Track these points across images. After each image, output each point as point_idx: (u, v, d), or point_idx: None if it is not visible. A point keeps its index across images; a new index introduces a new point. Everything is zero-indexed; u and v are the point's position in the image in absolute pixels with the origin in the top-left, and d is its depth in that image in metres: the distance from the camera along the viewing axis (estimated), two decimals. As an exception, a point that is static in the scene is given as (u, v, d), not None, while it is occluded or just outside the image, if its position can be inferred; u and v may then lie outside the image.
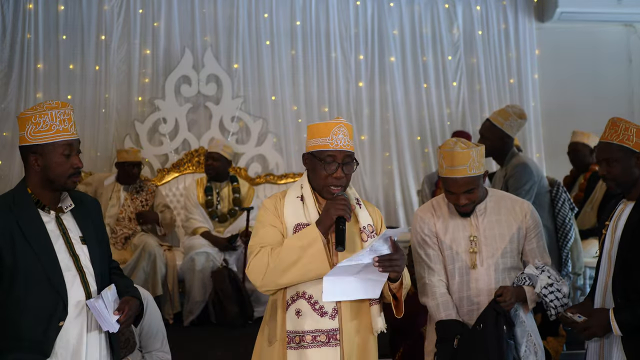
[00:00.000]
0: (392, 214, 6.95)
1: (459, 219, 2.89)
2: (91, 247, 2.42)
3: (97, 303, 2.29)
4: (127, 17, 6.53)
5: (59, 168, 2.32)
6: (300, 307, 2.40)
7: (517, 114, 4.08)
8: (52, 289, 2.29)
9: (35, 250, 2.28)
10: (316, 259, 2.33)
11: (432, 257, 2.90)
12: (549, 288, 2.77)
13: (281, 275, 2.35)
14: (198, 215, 5.76)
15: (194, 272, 5.48)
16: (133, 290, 2.52)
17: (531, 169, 4.03)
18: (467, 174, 2.77)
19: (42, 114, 2.30)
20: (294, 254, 2.34)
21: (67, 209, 2.41)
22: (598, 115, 7.08)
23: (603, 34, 7.39)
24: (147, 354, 3.32)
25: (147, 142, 6.56)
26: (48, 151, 2.32)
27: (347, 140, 2.44)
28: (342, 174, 2.43)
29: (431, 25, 7.07)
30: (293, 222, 2.46)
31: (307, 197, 2.49)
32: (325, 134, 2.43)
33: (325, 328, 2.39)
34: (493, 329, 2.65)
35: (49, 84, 6.41)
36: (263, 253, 2.38)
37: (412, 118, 7.01)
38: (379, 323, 2.46)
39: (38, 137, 2.30)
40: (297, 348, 2.38)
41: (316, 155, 2.44)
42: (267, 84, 6.77)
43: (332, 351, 2.38)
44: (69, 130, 2.34)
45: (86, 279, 2.36)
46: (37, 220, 2.33)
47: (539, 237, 2.92)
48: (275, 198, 2.53)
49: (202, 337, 5.15)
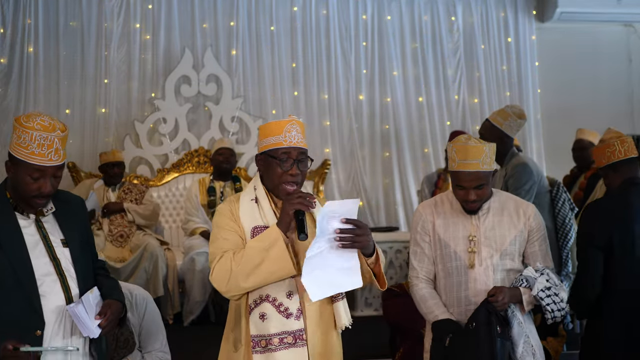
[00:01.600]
0: (392, 214, 6.96)
1: (461, 217, 2.89)
2: (73, 249, 2.37)
3: (76, 308, 2.24)
4: (127, 17, 6.54)
5: (24, 186, 2.27)
6: (265, 310, 2.36)
7: (517, 114, 4.07)
8: (24, 298, 2.23)
9: (8, 257, 2.23)
10: (279, 260, 2.29)
11: (417, 254, 2.95)
12: (546, 291, 2.77)
13: (245, 278, 2.31)
14: (198, 217, 5.77)
15: (194, 272, 5.48)
16: (117, 293, 2.45)
17: (531, 169, 4.03)
18: (479, 168, 2.78)
19: (25, 130, 2.24)
20: (256, 256, 2.29)
21: (47, 212, 2.36)
22: (598, 115, 7.15)
23: (603, 34, 7.40)
24: (147, 354, 3.32)
25: (147, 142, 6.56)
26: (19, 167, 2.27)
27: (300, 137, 2.42)
28: (298, 170, 2.40)
29: (431, 25, 7.08)
30: (250, 225, 2.42)
31: (262, 199, 2.46)
32: (278, 132, 2.40)
33: (292, 329, 2.36)
34: (485, 328, 2.66)
35: (49, 83, 6.41)
36: (225, 258, 2.34)
37: (412, 118, 7.02)
38: (343, 319, 2.43)
39: (15, 149, 2.26)
40: (263, 352, 2.35)
41: (270, 153, 2.40)
42: (267, 84, 6.78)
43: (299, 351, 2.35)
44: (46, 155, 2.25)
45: (67, 283, 2.31)
46: (13, 225, 2.28)
47: (541, 241, 2.91)
48: (230, 202, 2.50)
49: (202, 337, 5.14)
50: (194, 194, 5.82)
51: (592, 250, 2.98)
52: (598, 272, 2.97)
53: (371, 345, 4.48)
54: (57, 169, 2.31)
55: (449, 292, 2.87)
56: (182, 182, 6.52)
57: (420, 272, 2.94)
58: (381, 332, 4.07)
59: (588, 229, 3.02)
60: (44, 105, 6.36)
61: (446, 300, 2.88)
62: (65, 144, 2.32)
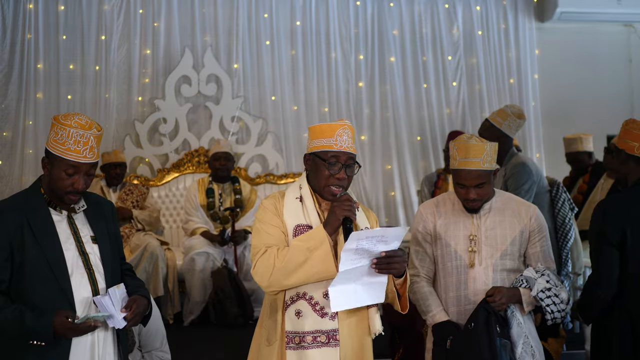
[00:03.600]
0: (392, 214, 6.96)
1: (462, 216, 2.90)
2: (102, 246, 2.47)
3: (103, 300, 2.33)
4: (127, 17, 6.54)
5: (59, 182, 2.37)
6: (301, 307, 2.40)
7: (516, 114, 4.07)
8: (58, 287, 2.33)
9: (43, 249, 2.33)
10: (323, 261, 2.34)
11: (419, 254, 2.97)
12: (546, 292, 2.77)
13: (287, 276, 2.36)
14: (197, 217, 5.77)
15: (194, 272, 5.48)
16: (143, 290, 2.55)
17: (530, 169, 4.03)
18: (480, 167, 2.79)
19: (63, 127, 2.35)
20: (301, 255, 2.34)
21: (79, 209, 2.46)
22: (598, 115, 7.16)
23: (603, 34, 7.39)
24: (146, 353, 3.33)
25: (147, 142, 6.56)
26: (55, 163, 2.37)
27: (350, 142, 2.46)
28: (345, 175, 2.44)
29: (431, 25, 7.07)
30: (293, 223, 2.45)
31: (307, 198, 2.49)
32: (329, 135, 2.43)
33: (326, 329, 2.40)
34: (484, 328, 2.66)
35: (49, 84, 6.41)
36: (269, 254, 2.38)
37: (412, 118, 7.02)
38: (376, 325, 2.47)
39: (53, 146, 2.37)
40: (296, 348, 2.38)
41: (320, 155, 2.44)
42: (267, 84, 6.78)
43: (332, 351, 2.39)
44: (81, 152, 2.36)
45: (94, 277, 2.41)
46: (47, 220, 2.38)
47: (543, 242, 2.91)
48: (275, 198, 2.53)
49: (202, 337, 5.15)
50: (193, 195, 5.82)
51: (608, 248, 2.83)
52: (615, 271, 2.82)
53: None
54: (91, 167, 2.41)
55: (449, 291, 2.88)
56: (182, 182, 6.52)
57: (421, 271, 2.96)
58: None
59: (602, 226, 2.86)
60: (44, 105, 6.37)
61: (445, 299, 2.88)
62: (99, 143, 2.43)
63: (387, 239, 2.28)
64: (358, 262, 2.29)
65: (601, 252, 2.86)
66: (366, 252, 2.28)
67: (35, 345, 2.29)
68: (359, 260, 2.29)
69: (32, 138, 6.35)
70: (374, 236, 2.26)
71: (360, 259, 2.29)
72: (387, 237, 2.28)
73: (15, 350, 2.33)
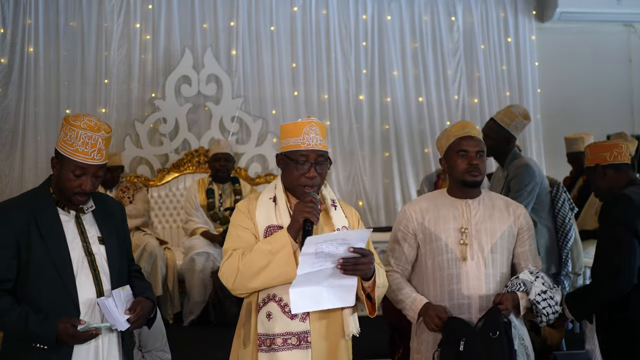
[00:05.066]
0: (392, 214, 6.96)
1: (451, 209, 2.86)
2: (109, 247, 2.46)
3: (107, 301, 2.33)
4: (127, 17, 6.54)
5: (66, 183, 2.37)
6: (271, 310, 2.38)
7: (522, 115, 4.08)
8: (62, 287, 2.33)
9: (49, 248, 2.33)
10: (285, 264, 2.31)
11: (395, 251, 2.90)
12: (542, 295, 2.76)
13: (250, 279, 2.34)
14: (197, 217, 5.77)
15: (194, 272, 5.48)
16: (149, 292, 2.54)
17: (533, 170, 4.02)
18: (479, 137, 2.84)
19: (72, 128, 2.35)
20: (263, 258, 2.32)
21: (87, 209, 2.46)
22: (598, 115, 7.16)
23: (603, 34, 7.40)
24: (147, 353, 3.33)
25: (147, 142, 6.56)
26: (63, 163, 2.37)
27: (319, 140, 2.41)
28: (315, 173, 2.40)
29: (431, 24, 7.08)
30: (264, 224, 2.43)
31: (279, 198, 2.47)
32: (296, 133, 2.40)
33: (296, 330, 2.37)
34: (506, 338, 2.60)
35: (49, 83, 6.42)
36: (234, 257, 2.37)
37: (412, 119, 7.02)
38: (350, 326, 2.42)
39: (61, 146, 2.37)
40: (268, 351, 2.36)
41: (288, 155, 2.41)
42: (267, 84, 6.78)
43: (303, 354, 2.36)
44: (89, 154, 2.36)
45: (99, 278, 2.40)
46: (55, 219, 2.39)
47: (531, 240, 2.90)
48: (249, 200, 2.51)
49: (202, 337, 5.15)
50: (193, 195, 5.82)
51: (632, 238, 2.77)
52: (637, 262, 2.77)
53: (371, 345, 4.47)
54: (99, 169, 2.41)
55: (440, 286, 2.80)
56: (182, 182, 6.52)
57: (395, 267, 2.90)
58: (381, 332, 4.06)
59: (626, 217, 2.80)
60: (44, 105, 6.37)
61: (436, 294, 2.82)
62: (108, 145, 2.43)
63: (349, 241, 2.24)
64: (320, 265, 2.25)
65: (624, 241, 2.78)
66: (328, 256, 2.24)
67: (38, 347, 2.30)
68: (321, 264, 2.25)
69: (32, 138, 6.35)
70: (335, 239, 2.22)
71: (323, 262, 2.25)
72: (349, 240, 2.24)
73: (19, 351, 2.33)
